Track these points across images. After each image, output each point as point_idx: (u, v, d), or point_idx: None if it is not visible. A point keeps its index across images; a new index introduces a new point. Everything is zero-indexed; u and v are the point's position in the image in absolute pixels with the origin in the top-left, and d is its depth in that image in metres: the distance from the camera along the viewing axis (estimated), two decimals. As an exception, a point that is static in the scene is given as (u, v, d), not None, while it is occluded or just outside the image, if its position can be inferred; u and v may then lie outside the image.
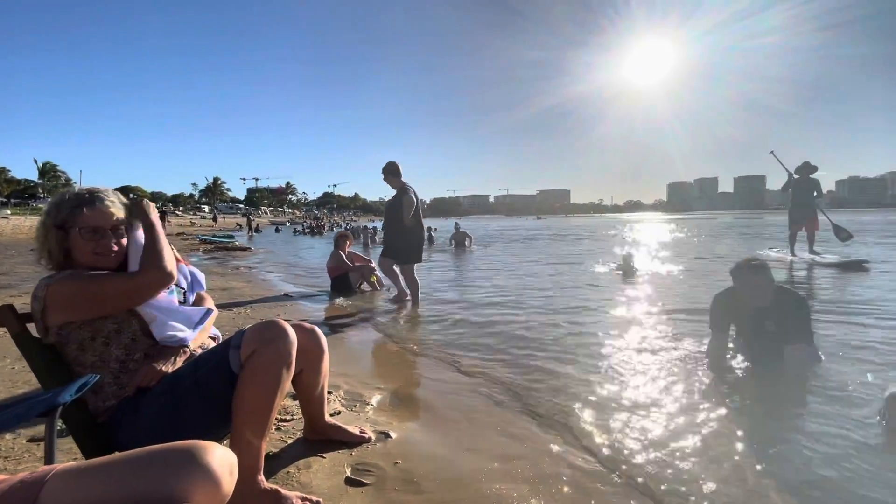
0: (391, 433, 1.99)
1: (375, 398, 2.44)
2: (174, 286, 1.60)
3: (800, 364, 2.63)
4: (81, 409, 1.36)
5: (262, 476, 1.40)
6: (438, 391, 2.61)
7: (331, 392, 2.43)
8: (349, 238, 6.70)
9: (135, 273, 1.40)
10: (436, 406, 2.38)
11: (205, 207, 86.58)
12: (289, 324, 1.46)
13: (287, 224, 45.88)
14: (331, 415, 2.07)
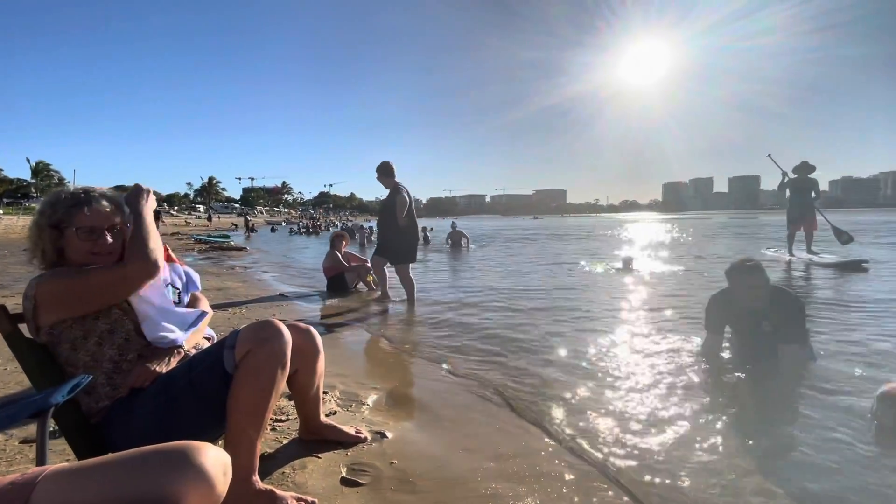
0: (387, 433, 1.99)
1: (371, 398, 2.43)
2: (170, 286, 1.59)
3: (794, 363, 2.65)
4: (74, 410, 1.35)
5: (257, 477, 1.39)
6: (434, 391, 2.61)
7: (326, 392, 2.43)
8: (345, 238, 6.69)
9: (120, 264, 1.37)
10: (432, 406, 2.38)
11: (200, 207, 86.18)
12: (284, 324, 1.46)
13: (283, 224, 45.76)
14: (326, 415, 2.06)
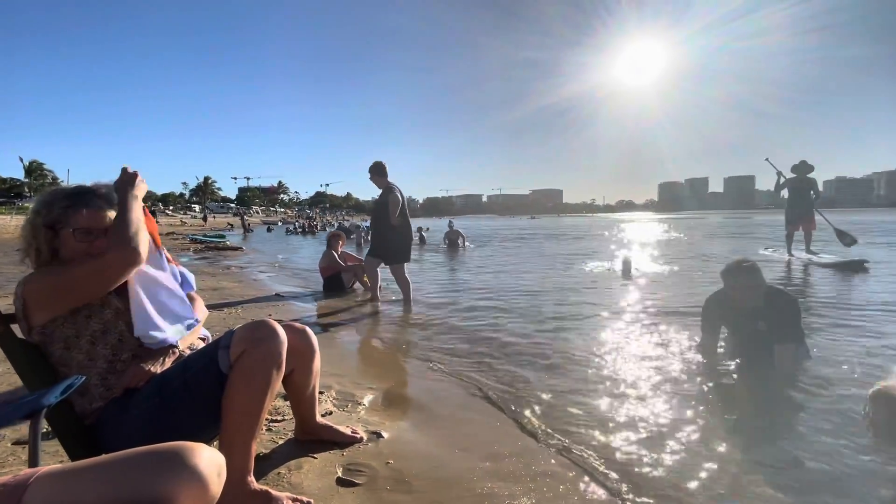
0: (383, 433, 1.99)
1: (367, 398, 2.43)
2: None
3: (789, 363, 2.66)
4: (68, 411, 1.34)
5: (252, 477, 1.38)
6: (430, 391, 2.60)
7: (322, 392, 2.42)
8: (342, 238, 6.69)
9: (101, 254, 1.32)
10: (427, 406, 2.38)
11: (195, 207, 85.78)
12: (279, 324, 1.45)
13: (279, 223, 45.59)
14: (322, 415, 2.06)
